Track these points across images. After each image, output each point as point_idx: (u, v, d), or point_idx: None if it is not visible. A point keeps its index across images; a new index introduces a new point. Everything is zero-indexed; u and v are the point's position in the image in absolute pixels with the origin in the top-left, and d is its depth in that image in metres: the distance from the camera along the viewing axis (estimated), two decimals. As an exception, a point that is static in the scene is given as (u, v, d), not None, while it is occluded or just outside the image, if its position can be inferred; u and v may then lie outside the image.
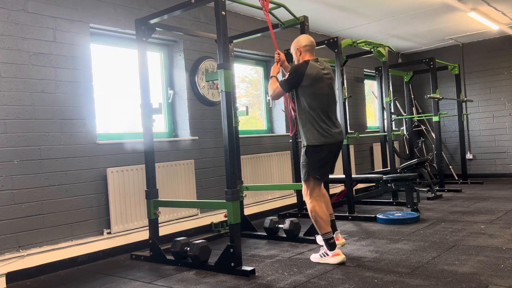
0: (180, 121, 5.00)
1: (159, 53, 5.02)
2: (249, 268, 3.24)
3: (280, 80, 3.60)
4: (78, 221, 3.88)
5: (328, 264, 3.38)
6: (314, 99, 3.42)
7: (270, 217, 4.46)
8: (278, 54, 3.78)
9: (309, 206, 3.50)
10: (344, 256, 3.41)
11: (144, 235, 4.23)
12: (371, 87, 8.65)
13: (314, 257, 3.51)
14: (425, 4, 5.92)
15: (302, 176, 3.53)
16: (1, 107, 3.49)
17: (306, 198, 3.55)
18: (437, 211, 5.28)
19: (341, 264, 3.35)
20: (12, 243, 3.49)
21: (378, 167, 7.76)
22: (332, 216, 3.63)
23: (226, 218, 3.45)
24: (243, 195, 4.61)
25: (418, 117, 8.52)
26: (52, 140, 3.77)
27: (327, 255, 3.42)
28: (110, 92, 4.52)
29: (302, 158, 3.51)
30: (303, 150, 3.50)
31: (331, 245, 3.41)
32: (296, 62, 3.65)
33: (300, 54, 3.57)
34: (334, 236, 3.51)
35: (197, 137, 4.97)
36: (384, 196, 6.73)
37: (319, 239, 3.83)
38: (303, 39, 3.60)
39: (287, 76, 3.50)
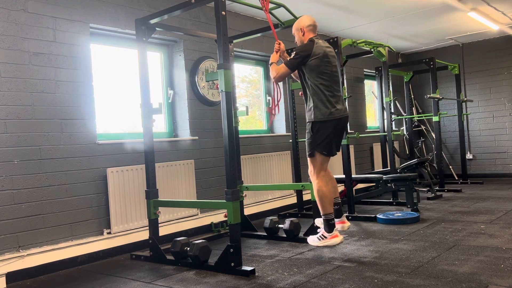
0: (180, 121, 5.00)
1: (159, 53, 5.02)
2: (249, 268, 3.24)
3: (284, 61, 3.61)
4: (78, 221, 3.88)
5: (328, 246, 3.44)
6: (321, 76, 3.45)
7: (270, 217, 4.46)
8: (279, 44, 3.79)
9: (315, 185, 3.50)
10: (342, 236, 3.44)
11: (144, 235, 4.23)
12: (371, 87, 8.65)
13: (312, 240, 3.53)
14: (425, 4, 5.92)
15: (308, 153, 3.53)
16: (1, 107, 3.49)
17: (313, 177, 3.55)
18: (437, 211, 5.28)
19: (340, 243, 3.44)
20: (12, 243, 3.49)
21: (378, 167, 7.76)
22: (337, 200, 3.63)
23: (226, 218, 3.45)
24: (243, 195, 4.61)
25: (418, 117, 8.52)
26: (52, 140, 3.77)
27: (325, 237, 3.44)
28: (110, 92, 4.52)
29: (308, 135, 3.51)
30: (308, 127, 3.50)
31: (330, 226, 3.43)
32: (298, 43, 3.68)
33: (304, 34, 3.60)
34: (340, 219, 3.56)
35: (197, 137, 4.97)
36: (384, 196, 6.73)
37: (319, 221, 3.79)
38: (306, 19, 3.63)
39: (293, 55, 3.51)
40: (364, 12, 6.07)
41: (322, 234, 3.47)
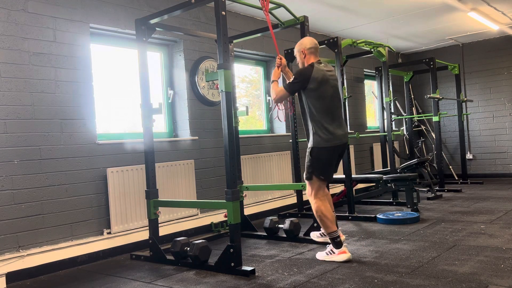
0: (180, 121, 5.00)
1: (159, 53, 5.02)
2: (249, 268, 3.24)
3: (284, 83, 3.61)
4: (78, 221, 3.88)
5: (333, 262, 3.39)
6: (320, 101, 3.43)
7: (270, 217, 4.46)
8: (280, 59, 3.78)
9: (314, 206, 3.51)
10: (350, 254, 3.43)
11: (144, 235, 4.23)
12: (371, 87, 8.65)
13: (320, 256, 3.53)
14: (425, 4, 5.92)
15: (306, 176, 3.55)
16: (1, 107, 3.49)
17: (310, 198, 3.56)
18: (437, 211, 5.28)
19: (348, 261, 3.37)
20: (12, 243, 3.49)
21: (378, 167, 7.76)
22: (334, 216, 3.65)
23: (226, 218, 3.45)
24: (243, 195, 4.61)
25: (418, 117, 8.52)
26: (52, 140, 3.77)
27: (333, 253, 3.44)
28: (110, 92, 4.52)
29: (307, 158, 3.52)
30: (308, 151, 3.51)
31: (337, 244, 3.43)
32: (300, 64, 3.66)
33: (305, 56, 3.58)
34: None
35: (197, 137, 4.97)
36: (384, 196, 6.73)
37: (315, 235, 3.82)
38: (307, 41, 3.60)
39: (292, 79, 3.51)
40: (364, 12, 6.07)
41: (331, 250, 3.48)
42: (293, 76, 3.52)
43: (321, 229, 3.66)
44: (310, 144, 3.50)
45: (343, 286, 2.86)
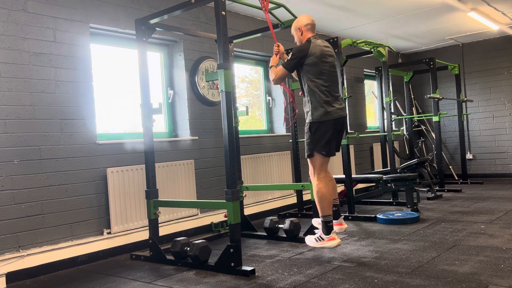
0: (180, 121, 5.00)
1: (159, 53, 5.02)
2: (249, 268, 3.24)
3: (282, 63, 3.61)
4: (78, 221, 3.88)
5: (325, 248, 3.43)
6: (318, 77, 3.44)
7: (270, 217, 4.46)
8: (278, 46, 3.79)
9: (315, 186, 3.49)
10: (339, 240, 3.43)
11: (144, 235, 4.23)
12: (371, 87, 8.65)
13: (309, 241, 3.53)
14: (425, 4, 5.92)
15: (306, 154, 3.52)
16: (1, 107, 3.49)
17: (313, 179, 3.54)
18: (437, 211, 5.28)
19: (337, 246, 3.42)
20: (12, 243, 3.49)
21: (378, 167, 7.76)
22: (336, 201, 3.63)
23: (226, 218, 3.45)
24: (243, 195, 4.61)
25: (418, 117, 8.52)
26: (52, 140, 3.77)
27: (322, 239, 3.44)
28: (110, 92, 4.52)
29: (306, 135, 3.51)
30: (306, 127, 3.50)
31: (328, 228, 3.43)
32: (297, 42, 3.66)
33: (302, 33, 3.59)
34: (338, 221, 3.57)
35: (197, 137, 4.97)
36: (384, 196, 6.73)
37: (316, 221, 3.79)
38: (304, 18, 3.62)
39: (290, 56, 3.52)
40: (364, 12, 6.07)
41: (320, 236, 3.47)
42: (291, 53, 3.52)
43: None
44: (308, 119, 3.48)
45: (343, 286, 2.86)
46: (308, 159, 3.56)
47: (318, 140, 3.45)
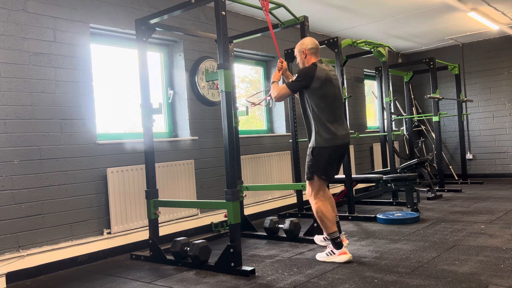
0: (180, 121, 5.00)
1: (159, 53, 5.02)
2: (249, 268, 3.24)
3: (287, 82, 3.60)
4: (78, 221, 3.88)
5: (334, 262, 3.39)
6: (323, 101, 3.43)
7: (270, 217, 4.46)
8: (281, 62, 3.77)
9: (314, 206, 3.51)
10: (350, 255, 3.43)
11: (144, 235, 4.23)
12: (371, 87, 8.65)
13: (320, 256, 3.52)
14: (425, 4, 5.92)
15: (306, 176, 3.54)
16: (1, 107, 3.49)
17: (310, 199, 3.56)
18: (437, 211, 5.28)
19: (348, 262, 3.37)
20: (12, 243, 3.49)
21: (378, 167, 7.76)
22: (336, 218, 3.65)
23: (226, 218, 3.45)
24: (243, 195, 4.61)
25: (418, 117, 8.52)
26: (52, 140, 3.77)
27: (334, 253, 3.43)
28: (110, 92, 4.52)
29: (308, 158, 3.52)
30: (309, 150, 3.51)
31: (337, 244, 3.43)
32: (300, 64, 3.66)
33: (305, 56, 3.57)
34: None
35: (197, 137, 4.97)
36: (384, 196, 6.73)
37: (318, 239, 3.83)
38: (309, 42, 3.60)
39: (295, 77, 3.50)
40: (364, 12, 6.07)
41: (331, 250, 3.47)
42: (296, 75, 3.51)
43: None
44: (311, 144, 3.50)
45: (343, 286, 2.86)
46: (307, 181, 3.57)
47: (319, 165, 3.46)
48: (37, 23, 3.74)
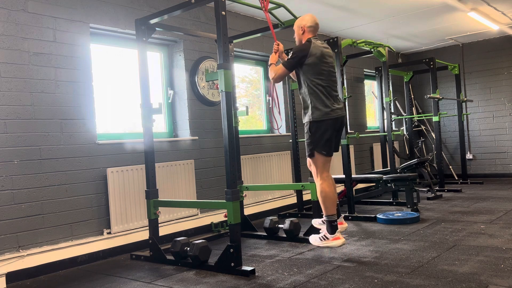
0: (180, 121, 5.00)
1: (159, 53, 5.02)
2: (249, 268, 3.24)
3: (282, 62, 3.62)
4: (78, 221, 3.88)
5: (329, 247, 3.42)
6: (317, 77, 3.46)
7: (270, 217, 4.46)
8: (278, 44, 3.80)
9: (319, 186, 3.51)
10: (344, 239, 3.44)
11: (144, 235, 4.23)
12: (371, 87, 8.65)
13: (314, 240, 3.53)
14: (425, 4, 5.92)
15: (307, 154, 3.54)
16: (1, 107, 3.49)
17: (316, 179, 3.56)
18: (437, 211, 5.28)
19: (342, 245, 3.41)
20: (12, 243, 3.49)
21: (378, 167, 7.76)
22: (336, 201, 3.65)
23: (226, 218, 3.45)
24: (243, 195, 4.61)
25: (418, 117, 8.52)
26: (52, 140, 3.77)
27: (327, 238, 3.44)
28: (110, 92, 4.52)
29: (306, 136, 3.53)
30: (306, 127, 3.52)
31: (333, 228, 3.44)
32: (296, 39, 3.69)
33: (303, 32, 3.61)
34: (338, 220, 3.55)
35: (197, 137, 4.97)
36: (384, 196, 6.73)
37: (316, 222, 3.80)
38: (309, 19, 3.63)
39: (290, 55, 3.53)
40: (364, 12, 6.07)
41: (324, 235, 3.47)
42: (291, 53, 3.53)
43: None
44: (307, 119, 3.50)
45: (343, 286, 2.86)
46: (309, 159, 3.57)
47: (318, 139, 3.47)
48: (37, 23, 3.74)
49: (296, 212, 5.60)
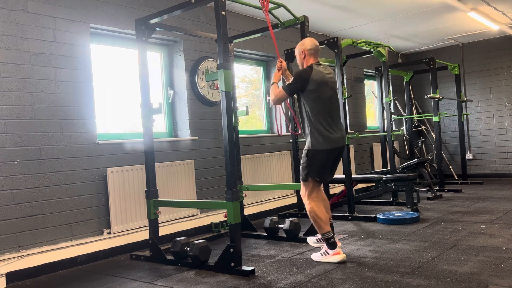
0: (180, 121, 5.00)
1: (159, 53, 5.02)
2: (249, 268, 3.24)
3: (283, 85, 3.61)
4: (78, 221, 3.88)
5: (328, 263, 3.39)
6: (318, 103, 3.43)
7: (270, 217, 4.46)
8: (281, 62, 3.77)
9: (307, 207, 3.53)
10: (344, 255, 3.43)
11: (144, 235, 4.23)
12: (371, 87, 8.65)
13: (315, 256, 3.53)
14: (425, 4, 5.92)
15: (301, 177, 3.55)
16: (1, 107, 3.49)
17: (304, 199, 3.58)
18: (437, 211, 5.28)
19: (342, 263, 3.37)
20: (12, 243, 3.49)
21: (378, 167, 7.76)
22: (330, 220, 3.65)
23: (226, 218, 3.45)
24: (243, 195, 4.61)
25: (418, 117, 8.52)
26: (52, 140, 3.77)
27: (328, 253, 3.44)
28: (110, 92, 4.52)
29: (303, 159, 3.52)
30: (304, 152, 3.51)
31: (331, 244, 3.43)
32: (299, 64, 3.66)
33: (304, 57, 3.57)
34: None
35: (197, 137, 4.97)
36: (384, 196, 6.73)
37: (311, 240, 3.80)
38: (308, 42, 3.60)
39: (291, 80, 3.51)
40: (364, 12, 6.07)
41: (326, 251, 3.48)
42: (292, 77, 3.52)
43: (318, 234, 3.65)
44: (306, 146, 3.51)
45: (343, 286, 2.86)
46: (301, 182, 3.57)
47: (314, 166, 3.47)
48: (37, 23, 3.74)
49: (296, 212, 5.60)
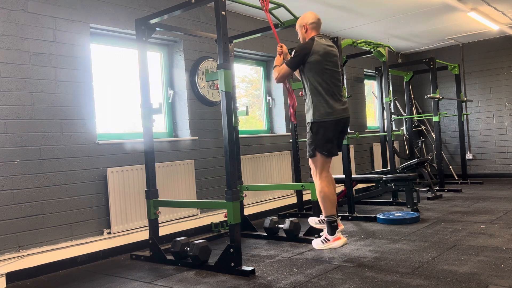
0: (180, 121, 5.01)
1: (159, 53, 5.02)
2: (249, 268, 3.24)
3: (285, 61, 3.59)
4: (78, 221, 3.88)
5: (332, 248, 3.39)
6: (320, 75, 3.40)
7: (270, 217, 4.46)
8: (281, 46, 3.77)
9: (318, 186, 3.46)
10: (345, 238, 3.40)
11: (144, 235, 4.23)
12: (371, 87, 8.65)
13: (316, 244, 3.50)
14: (425, 4, 5.92)
15: (308, 154, 3.49)
16: (1, 107, 3.49)
17: (315, 178, 3.51)
18: (437, 211, 5.28)
19: (344, 245, 3.38)
20: (12, 243, 3.49)
21: (378, 167, 7.76)
22: (336, 201, 3.62)
23: (226, 218, 3.45)
24: (243, 195, 4.61)
25: (418, 117, 8.53)
26: (52, 140, 3.77)
27: (328, 240, 3.41)
28: (110, 92, 4.52)
29: (308, 135, 3.48)
30: (308, 127, 3.47)
31: (332, 228, 3.40)
32: (301, 39, 3.64)
33: (306, 31, 3.57)
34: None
35: (197, 137, 4.97)
36: (384, 196, 6.73)
37: (313, 221, 3.73)
38: (310, 16, 3.60)
39: (293, 53, 3.49)
40: (364, 12, 6.07)
41: (325, 237, 3.44)
42: (294, 51, 3.49)
43: (321, 215, 3.60)
44: (309, 119, 3.45)
45: (343, 286, 2.86)
46: (310, 159, 3.54)
47: (320, 140, 3.42)
48: (37, 23, 3.74)
49: (296, 212, 5.60)
